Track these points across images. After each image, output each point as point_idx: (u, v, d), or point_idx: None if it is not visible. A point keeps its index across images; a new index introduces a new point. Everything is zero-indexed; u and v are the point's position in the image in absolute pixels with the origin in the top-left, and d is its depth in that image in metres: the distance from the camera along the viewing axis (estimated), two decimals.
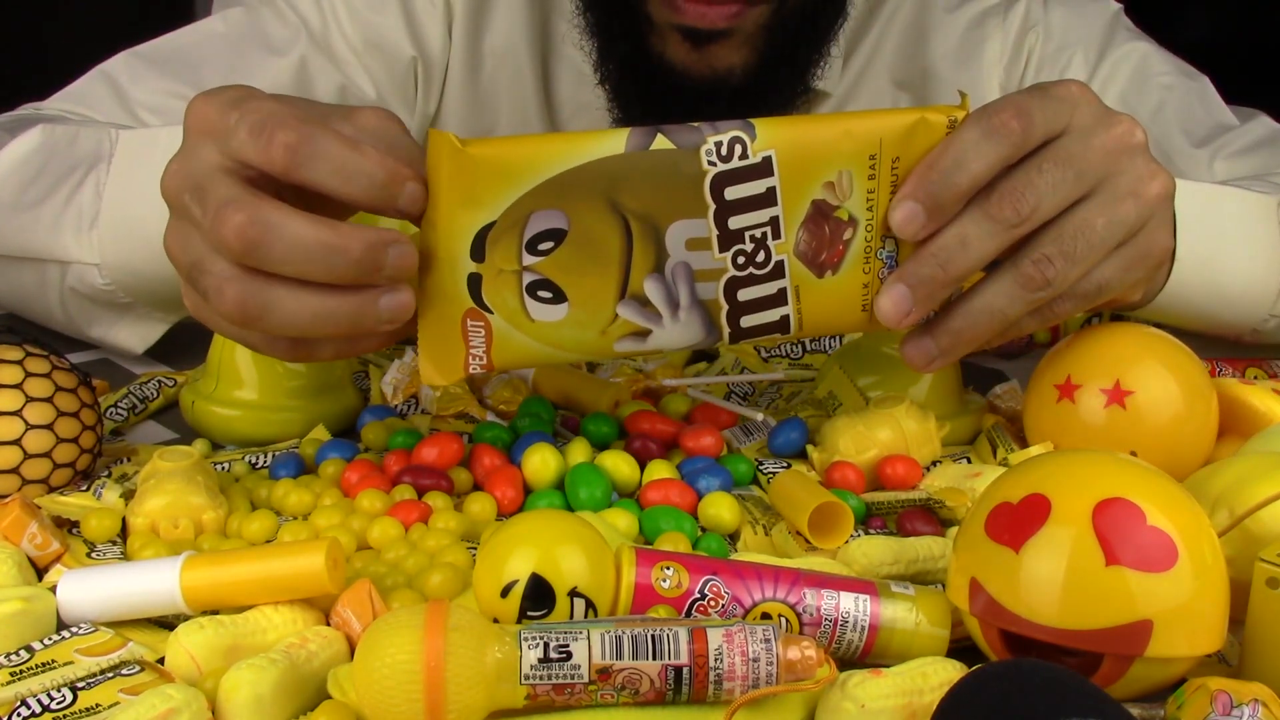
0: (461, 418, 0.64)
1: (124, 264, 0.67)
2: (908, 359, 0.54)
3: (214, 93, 0.50)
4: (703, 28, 0.77)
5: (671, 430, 0.60)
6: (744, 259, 0.52)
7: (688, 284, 0.52)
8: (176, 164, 0.49)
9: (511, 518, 0.45)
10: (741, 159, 0.50)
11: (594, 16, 0.84)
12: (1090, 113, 0.53)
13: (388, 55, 0.90)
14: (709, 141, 0.50)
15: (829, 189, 0.52)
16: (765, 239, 0.52)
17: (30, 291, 0.72)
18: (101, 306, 0.70)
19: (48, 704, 0.37)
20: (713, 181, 0.51)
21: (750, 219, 0.51)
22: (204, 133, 0.49)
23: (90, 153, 0.69)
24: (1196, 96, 0.92)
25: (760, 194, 0.51)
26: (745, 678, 0.37)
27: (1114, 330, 0.59)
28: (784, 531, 0.50)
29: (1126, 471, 0.41)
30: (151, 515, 0.49)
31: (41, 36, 2.22)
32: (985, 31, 0.94)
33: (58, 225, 0.68)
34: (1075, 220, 0.52)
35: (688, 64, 0.80)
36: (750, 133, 0.50)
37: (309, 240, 0.46)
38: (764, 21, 0.79)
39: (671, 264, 0.52)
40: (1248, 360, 0.71)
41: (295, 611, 0.42)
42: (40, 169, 0.70)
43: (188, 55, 0.85)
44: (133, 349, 0.72)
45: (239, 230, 0.46)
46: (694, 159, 0.50)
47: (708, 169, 0.50)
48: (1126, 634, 0.38)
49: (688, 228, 0.51)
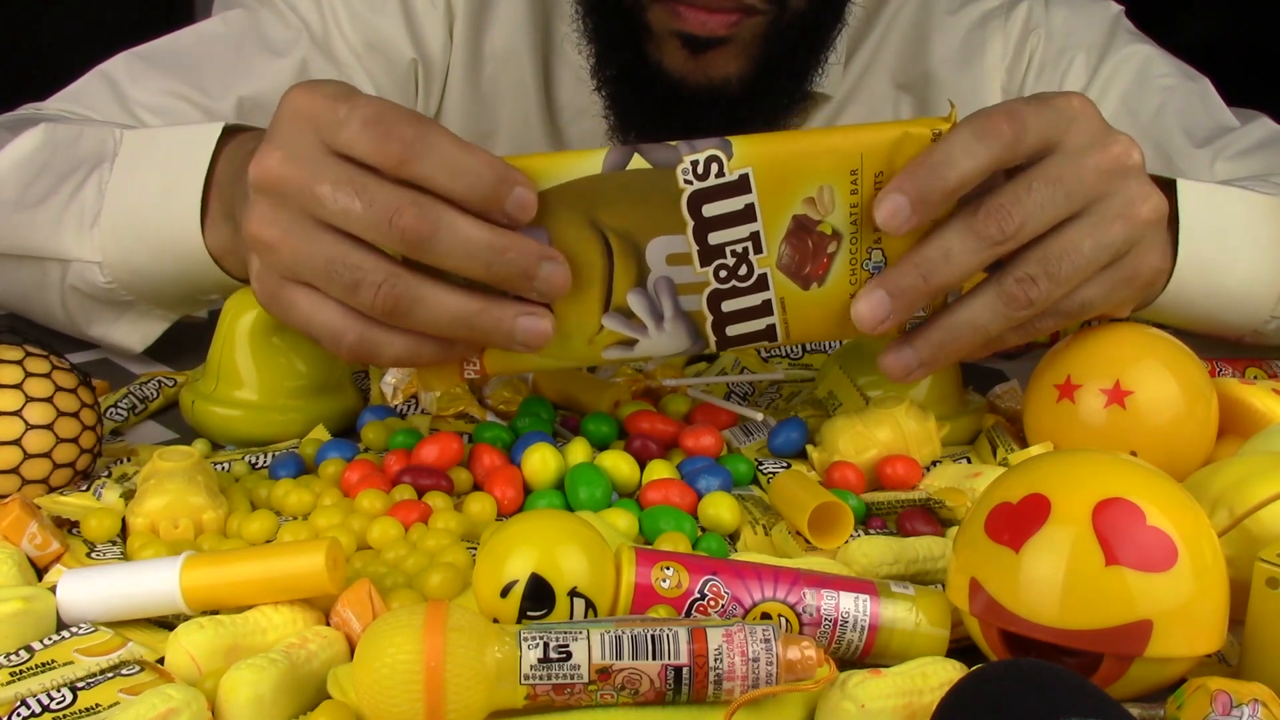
0: (461, 418, 0.64)
1: (125, 262, 0.67)
2: (885, 368, 0.54)
3: (314, 84, 0.51)
4: (702, 35, 0.77)
5: (671, 430, 0.60)
6: (726, 272, 0.53)
7: (671, 297, 0.53)
8: (277, 152, 0.50)
9: (511, 518, 0.45)
10: (718, 177, 0.51)
11: (593, 23, 0.84)
12: (1088, 129, 0.53)
13: (388, 57, 0.90)
14: (685, 160, 0.51)
15: (810, 204, 0.52)
16: (747, 253, 0.52)
17: (30, 290, 0.72)
18: (102, 304, 0.70)
19: (48, 704, 0.37)
20: (690, 199, 0.51)
21: (730, 234, 0.52)
22: (305, 122, 0.50)
23: (94, 152, 0.69)
24: (1198, 98, 0.92)
25: (739, 210, 0.52)
26: (745, 678, 0.37)
27: (1114, 330, 0.59)
28: (784, 531, 0.50)
29: (1126, 471, 0.41)
30: (151, 515, 0.49)
31: (41, 37, 2.22)
32: (987, 34, 0.94)
33: (59, 224, 0.68)
34: (1062, 240, 0.52)
35: (685, 72, 0.79)
36: (727, 151, 0.51)
37: (477, 238, 0.48)
38: (762, 31, 0.79)
39: (653, 278, 0.53)
40: (1248, 360, 0.71)
41: (295, 611, 0.42)
42: (42, 168, 0.70)
43: (188, 56, 0.85)
44: (132, 347, 0.72)
45: (414, 222, 0.48)
46: (670, 177, 0.51)
47: (684, 187, 0.51)
48: (1126, 634, 0.38)
49: (668, 243, 0.52)
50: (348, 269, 0.49)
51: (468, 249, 0.48)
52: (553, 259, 0.50)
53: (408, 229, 0.48)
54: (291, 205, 0.50)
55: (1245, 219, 0.67)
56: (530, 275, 0.50)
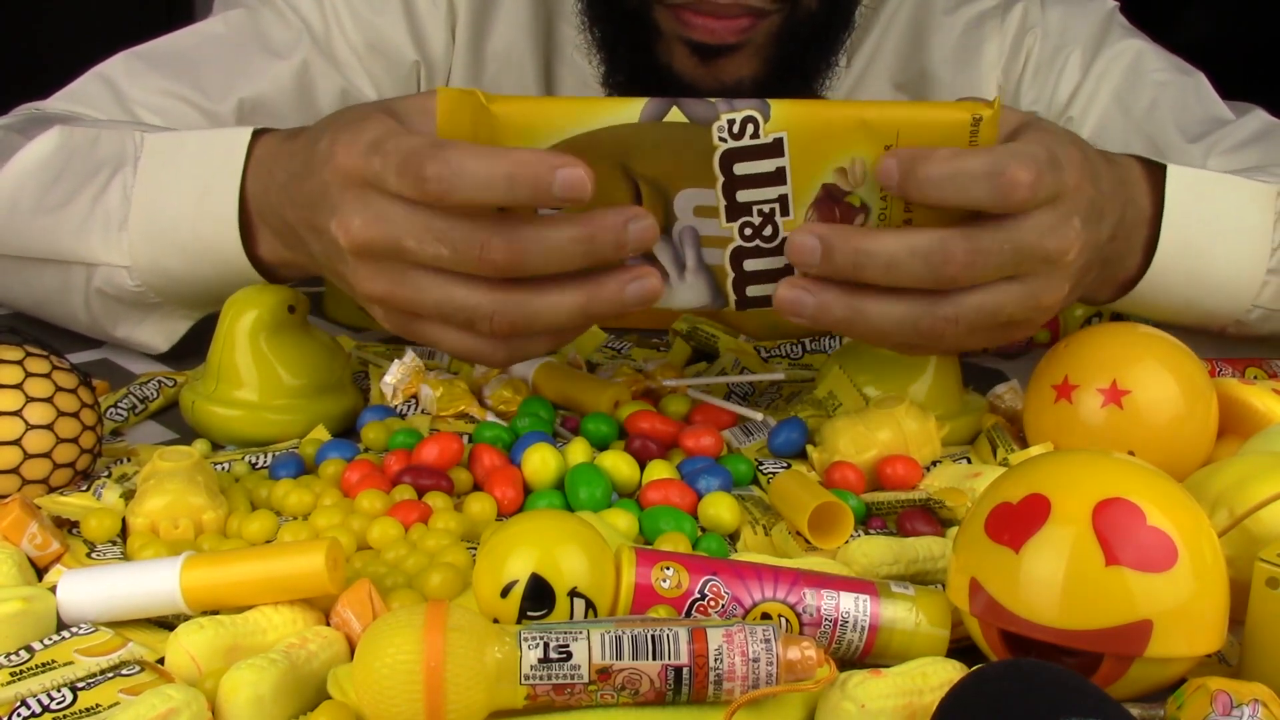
0: (461, 418, 0.64)
1: (154, 266, 0.67)
2: (777, 299, 0.55)
3: (349, 143, 0.53)
4: (712, 43, 0.77)
5: (671, 430, 0.60)
6: (751, 231, 0.54)
7: (694, 247, 0.54)
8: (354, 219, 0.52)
9: (511, 518, 0.45)
10: (753, 138, 0.52)
11: (600, 32, 0.83)
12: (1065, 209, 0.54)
13: (390, 58, 0.90)
14: (722, 119, 0.52)
15: (840, 174, 0.53)
16: (774, 215, 0.53)
17: (52, 293, 0.72)
18: (128, 306, 0.70)
19: (48, 704, 0.37)
20: (722, 156, 0.52)
21: (758, 194, 0.53)
22: (358, 183, 0.52)
23: (114, 155, 0.69)
24: (1191, 92, 0.92)
25: (770, 172, 0.52)
26: (745, 678, 0.37)
27: (1112, 330, 0.59)
28: (784, 531, 0.50)
29: (1126, 471, 0.41)
30: (151, 515, 0.49)
31: (41, 37, 2.22)
32: (984, 33, 0.94)
33: (84, 228, 0.68)
34: (994, 299, 0.54)
35: (696, 78, 0.79)
36: (765, 113, 0.52)
37: (563, 240, 0.50)
38: (775, 31, 0.78)
39: (679, 227, 0.53)
40: (1248, 360, 0.71)
41: (295, 611, 0.42)
42: (60, 171, 0.70)
43: (188, 56, 0.85)
44: (157, 347, 0.72)
45: (502, 255, 0.50)
46: (705, 134, 0.52)
47: (718, 144, 0.52)
48: (1126, 634, 0.38)
49: (696, 195, 0.53)
50: (456, 309, 0.52)
51: (560, 254, 0.50)
52: (636, 218, 0.51)
53: (498, 261, 0.50)
54: (388, 262, 0.53)
55: (1232, 204, 0.67)
56: (622, 245, 0.51)
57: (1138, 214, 0.64)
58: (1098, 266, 0.61)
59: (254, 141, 0.64)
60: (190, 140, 0.67)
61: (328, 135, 0.55)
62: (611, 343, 0.76)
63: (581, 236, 0.50)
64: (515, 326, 0.52)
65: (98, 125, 0.73)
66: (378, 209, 0.52)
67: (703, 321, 0.75)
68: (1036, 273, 0.55)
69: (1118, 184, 0.61)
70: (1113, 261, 0.64)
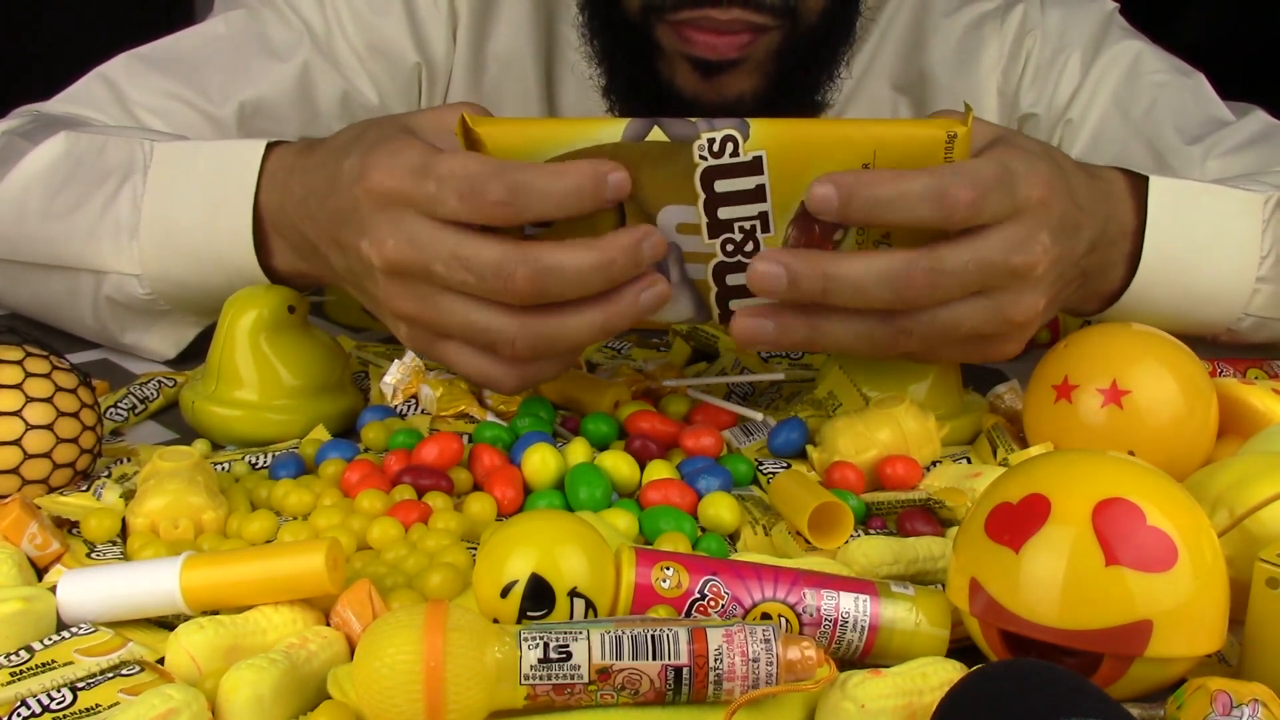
0: (461, 418, 0.64)
1: (165, 274, 0.68)
2: (734, 330, 0.56)
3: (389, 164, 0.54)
4: (713, 59, 0.77)
5: (671, 430, 0.60)
6: (733, 247, 0.55)
7: (678, 263, 0.55)
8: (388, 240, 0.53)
9: (511, 518, 0.45)
10: (733, 156, 0.53)
11: (600, 43, 0.83)
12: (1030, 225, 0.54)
13: (391, 60, 0.90)
14: (702, 137, 0.53)
15: None
16: (754, 231, 0.54)
17: (59, 299, 0.72)
18: (137, 313, 0.70)
19: (48, 704, 0.37)
20: (703, 174, 0.53)
21: (739, 211, 0.54)
22: (399, 203, 0.53)
23: (122, 162, 0.68)
24: (1190, 93, 0.91)
25: (750, 189, 0.53)
26: (745, 678, 0.37)
27: (1111, 331, 0.59)
28: (784, 531, 0.50)
29: (1126, 471, 0.41)
30: (151, 515, 0.49)
31: (41, 37, 2.22)
32: (983, 35, 0.94)
33: (94, 236, 0.68)
34: (953, 315, 0.55)
35: (697, 92, 0.79)
36: (744, 131, 0.52)
37: (584, 267, 0.52)
38: (775, 47, 0.78)
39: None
40: (1248, 360, 0.71)
41: (295, 611, 0.42)
42: (67, 177, 0.70)
43: (188, 58, 0.85)
44: (164, 354, 0.72)
45: (526, 284, 0.51)
46: (687, 151, 0.53)
47: (699, 162, 0.53)
48: (1126, 634, 0.38)
49: (679, 213, 0.54)
50: (478, 332, 0.54)
51: (582, 281, 0.52)
52: (647, 235, 0.53)
53: (523, 291, 0.52)
54: (416, 282, 0.54)
55: (1220, 215, 0.67)
56: (639, 262, 0.53)
57: (1119, 227, 0.64)
58: (1078, 280, 0.61)
59: (267, 154, 0.64)
60: (202, 151, 0.67)
61: (355, 154, 0.56)
62: (611, 343, 0.76)
63: (602, 263, 0.52)
64: (536, 349, 0.54)
65: (104, 131, 0.73)
66: (410, 231, 0.53)
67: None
68: (1004, 287, 0.55)
69: (1098, 197, 0.61)
70: (1094, 274, 0.64)
